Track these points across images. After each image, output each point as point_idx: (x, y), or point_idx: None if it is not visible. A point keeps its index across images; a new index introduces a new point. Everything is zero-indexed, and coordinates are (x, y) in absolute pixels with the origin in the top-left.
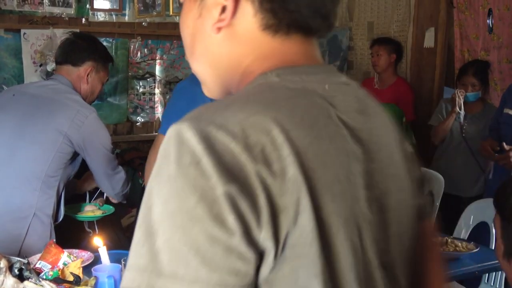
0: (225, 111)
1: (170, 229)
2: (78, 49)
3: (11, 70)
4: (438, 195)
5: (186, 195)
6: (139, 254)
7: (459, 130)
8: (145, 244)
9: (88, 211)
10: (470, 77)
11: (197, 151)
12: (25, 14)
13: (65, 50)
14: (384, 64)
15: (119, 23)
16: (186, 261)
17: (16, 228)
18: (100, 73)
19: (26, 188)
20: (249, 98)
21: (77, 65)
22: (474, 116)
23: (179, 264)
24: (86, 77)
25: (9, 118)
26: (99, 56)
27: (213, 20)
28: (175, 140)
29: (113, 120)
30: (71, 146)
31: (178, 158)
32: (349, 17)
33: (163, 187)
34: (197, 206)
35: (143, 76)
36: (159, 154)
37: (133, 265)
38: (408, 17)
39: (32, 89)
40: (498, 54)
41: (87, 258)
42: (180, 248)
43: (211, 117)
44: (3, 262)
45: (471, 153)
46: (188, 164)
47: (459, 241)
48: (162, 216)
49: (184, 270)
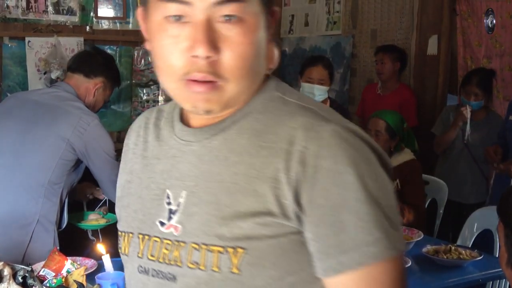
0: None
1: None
2: (95, 62)
3: (15, 77)
4: (441, 202)
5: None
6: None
7: (461, 138)
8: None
9: (92, 219)
10: (473, 87)
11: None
12: (30, 22)
13: (81, 60)
14: (388, 72)
15: (123, 31)
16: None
17: (19, 235)
18: (106, 91)
19: (30, 195)
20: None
21: (89, 76)
22: (476, 123)
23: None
24: (94, 90)
25: (12, 124)
26: (111, 75)
27: (269, 36)
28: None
29: (117, 127)
30: (73, 153)
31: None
32: (353, 25)
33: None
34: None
35: (147, 84)
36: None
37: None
38: (411, 24)
39: (35, 96)
40: (501, 62)
41: (91, 266)
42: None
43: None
44: (7, 270)
45: (474, 160)
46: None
47: (463, 249)
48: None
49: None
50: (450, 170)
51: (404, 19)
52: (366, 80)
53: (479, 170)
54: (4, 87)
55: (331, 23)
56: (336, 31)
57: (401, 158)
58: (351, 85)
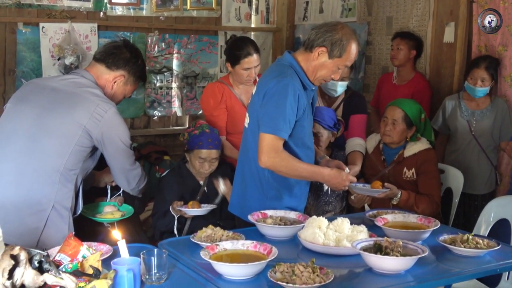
0: None
1: None
2: (120, 55)
3: (29, 63)
4: (457, 191)
5: None
6: None
7: (469, 130)
8: None
9: (107, 212)
10: (482, 71)
11: None
12: (44, 8)
13: (107, 51)
14: (402, 58)
15: (137, 17)
16: None
17: (34, 221)
18: (127, 86)
19: (45, 181)
20: None
21: (110, 68)
22: (482, 112)
23: None
24: (113, 83)
25: (29, 110)
26: (135, 70)
27: None
28: None
29: (130, 114)
30: (90, 140)
31: None
32: (368, 12)
33: None
34: None
35: (160, 70)
36: None
37: None
38: (428, 11)
39: (53, 82)
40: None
41: (106, 251)
42: None
43: None
44: (23, 254)
45: (482, 150)
46: None
47: (480, 238)
48: None
49: None
50: (459, 162)
51: (420, 6)
52: (381, 68)
53: (487, 159)
54: (19, 73)
55: (346, 10)
56: (351, 18)
57: (417, 147)
58: (366, 73)
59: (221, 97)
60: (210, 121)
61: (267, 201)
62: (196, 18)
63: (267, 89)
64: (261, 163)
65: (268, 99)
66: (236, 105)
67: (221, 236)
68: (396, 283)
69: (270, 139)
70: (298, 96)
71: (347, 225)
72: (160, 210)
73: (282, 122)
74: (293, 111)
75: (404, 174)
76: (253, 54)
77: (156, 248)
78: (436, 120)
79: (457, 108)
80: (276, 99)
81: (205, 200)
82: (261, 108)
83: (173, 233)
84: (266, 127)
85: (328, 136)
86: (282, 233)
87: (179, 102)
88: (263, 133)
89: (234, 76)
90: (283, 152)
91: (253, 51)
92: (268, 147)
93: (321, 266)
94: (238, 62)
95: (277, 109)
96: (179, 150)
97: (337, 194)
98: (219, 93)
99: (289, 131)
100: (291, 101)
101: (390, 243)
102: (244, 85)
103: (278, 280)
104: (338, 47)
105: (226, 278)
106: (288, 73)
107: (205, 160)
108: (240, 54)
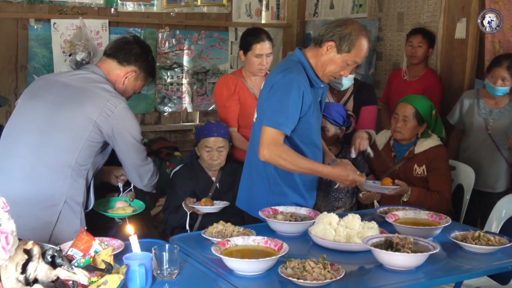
0: None
1: None
2: (131, 51)
3: (41, 59)
4: (468, 188)
5: None
6: None
7: (485, 128)
8: None
9: (119, 208)
10: (503, 70)
11: None
12: (55, 4)
13: (118, 46)
14: (422, 56)
15: (148, 13)
16: None
17: (46, 216)
18: (138, 81)
19: (57, 176)
20: None
21: (121, 64)
22: (500, 111)
23: None
24: (124, 79)
25: (40, 105)
26: (145, 66)
27: None
28: None
29: (140, 110)
30: (101, 135)
31: None
32: (379, 8)
33: None
34: None
35: (171, 66)
36: None
37: None
38: (439, 7)
39: (64, 77)
40: None
41: (118, 247)
42: None
43: None
44: (36, 249)
45: (497, 148)
46: None
47: (492, 235)
48: None
49: None
50: (473, 160)
51: (431, 1)
52: (392, 64)
53: (502, 157)
54: (30, 69)
55: (356, 6)
56: (361, 14)
57: (428, 144)
58: (376, 69)
59: (234, 89)
60: (222, 112)
61: (273, 196)
62: (206, 14)
63: (273, 83)
64: (260, 156)
65: (273, 93)
66: (249, 98)
67: (232, 231)
68: (407, 279)
69: (271, 132)
70: (303, 92)
71: (358, 221)
72: (172, 205)
73: (284, 116)
74: (296, 106)
75: (414, 171)
76: (265, 40)
77: (167, 243)
78: (453, 115)
79: (474, 105)
80: (280, 94)
81: (217, 196)
82: (266, 101)
83: (185, 228)
84: (268, 120)
85: (336, 131)
86: (293, 229)
87: (189, 98)
88: (265, 126)
89: (246, 66)
90: (283, 145)
91: (265, 37)
92: (268, 140)
93: (332, 262)
94: (250, 48)
95: (280, 103)
96: (189, 146)
97: (347, 191)
98: (233, 84)
99: (291, 126)
100: (295, 96)
101: (401, 240)
102: (256, 76)
103: (289, 276)
104: (346, 41)
105: (237, 274)
106: (294, 68)
107: (212, 149)
108: (253, 40)
